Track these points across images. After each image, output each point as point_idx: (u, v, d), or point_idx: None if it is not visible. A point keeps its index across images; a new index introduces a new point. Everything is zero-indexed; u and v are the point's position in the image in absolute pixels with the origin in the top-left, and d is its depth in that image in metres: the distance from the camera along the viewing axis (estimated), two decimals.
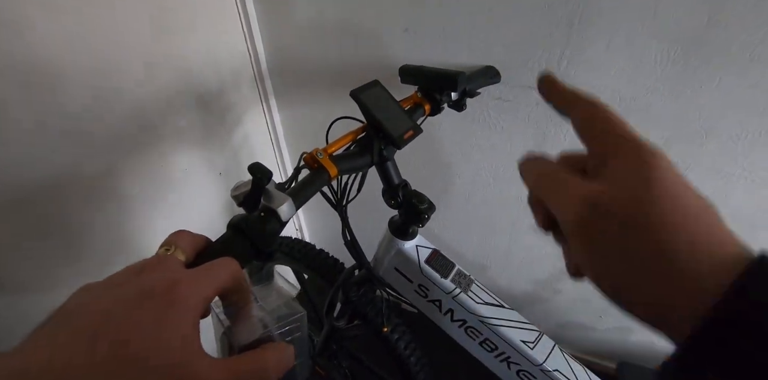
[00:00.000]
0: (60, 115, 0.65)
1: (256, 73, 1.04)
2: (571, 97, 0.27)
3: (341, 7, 0.87)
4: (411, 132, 0.54)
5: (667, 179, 0.21)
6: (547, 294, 1.21)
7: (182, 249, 0.32)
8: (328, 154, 0.47)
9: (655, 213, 0.20)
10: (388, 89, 0.58)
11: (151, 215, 0.89)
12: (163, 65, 0.81)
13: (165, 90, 0.83)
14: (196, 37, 0.86)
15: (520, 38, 0.76)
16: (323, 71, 0.99)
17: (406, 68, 0.65)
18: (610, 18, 0.69)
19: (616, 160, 0.23)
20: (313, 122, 1.12)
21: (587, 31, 0.72)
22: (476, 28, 0.78)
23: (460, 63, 0.83)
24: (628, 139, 0.23)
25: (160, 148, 0.86)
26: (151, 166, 0.86)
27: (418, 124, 0.55)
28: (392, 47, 0.87)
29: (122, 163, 0.80)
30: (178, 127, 0.89)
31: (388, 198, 0.59)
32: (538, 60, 0.78)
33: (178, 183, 0.93)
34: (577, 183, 0.24)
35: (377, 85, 0.55)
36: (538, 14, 0.73)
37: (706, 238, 0.20)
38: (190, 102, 0.90)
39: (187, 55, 0.86)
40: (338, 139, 0.51)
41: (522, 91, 0.83)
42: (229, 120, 1.03)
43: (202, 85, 0.91)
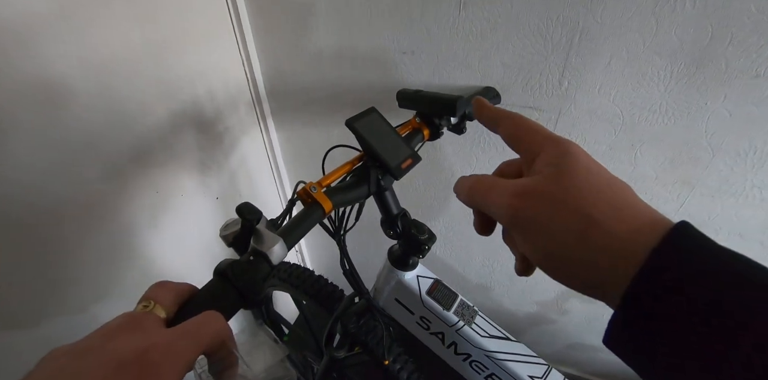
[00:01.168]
0: (50, 143, 0.62)
1: (253, 96, 1.01)
2: (496, 113, 0.30)
3: (338, 31, 0.84)
4: (409, 160, 0.50)
5: (581, 160, 0.23)
6: (553, 315, 1.15)
7: (162, 304, 0.28)
8: (322, 188, 0.44)
9: (574, 186, 0.22)
10: (387, 112, 0.54)
11: (148, 241, 0.85)
12: (158, 89, 0.78)
13: (159, 114, 0.80)
14: (192, 61, 0.83)
15: (520, 58, 0.73)
16: (321, 94, 0.96)
17: (404, 93, 0.62)
18: (610, 34, 0.66)
19: (540, 156, 0.25)
20: (312, 144, 1.09)
21: (587, 49, 0.69)
22: (474, 49, 0.75)
23: (459, 84, 0.80)
24: (547, 136, 0.26)
25: (154, 173, 0.83)
26: (146, 191, 0.82)
27: (416, 152, 0.52)
28: (390, 70, 0.84)
29: (116, 190, 0.76)
30: (174, 151, 0.85)
31: (386, 228, 0.55)
32: (538, 80, 0.75)
33: (174, 208, 0.89)
34: (505, 182, 0.25)
35: (373, 112, 0.52)
36: (537, 32, 0.70)
37: (626, 205, 0.21)
38: (186, 126, 0.87)
39: (183, 78, 0.83)
40: (334, 171, 0.47)
41: (523, 112, 0.79)
42: (227, 143, 0.99)
43: (198, 108, 0.89)
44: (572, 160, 0.23)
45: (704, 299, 0.17)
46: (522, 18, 0.69)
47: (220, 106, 0.94)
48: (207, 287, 0.32)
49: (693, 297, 0.17)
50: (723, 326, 0.16)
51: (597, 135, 0.77)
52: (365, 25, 0.81)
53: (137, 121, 0.76)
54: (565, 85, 0.73)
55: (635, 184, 0.85)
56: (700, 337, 0.17)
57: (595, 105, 0.74)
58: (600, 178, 0.23)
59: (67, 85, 0.62)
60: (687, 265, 0.18)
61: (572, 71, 0.72)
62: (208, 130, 0.93)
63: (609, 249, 0.20)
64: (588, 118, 0.76)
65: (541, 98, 0.76)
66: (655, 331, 0.18)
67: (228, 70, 0.93)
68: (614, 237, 0.20)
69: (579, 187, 0.22)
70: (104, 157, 0.71)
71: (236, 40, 0.92)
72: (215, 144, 0.96)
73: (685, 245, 0.19)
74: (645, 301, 0.18)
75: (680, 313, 0.17)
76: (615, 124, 0.75)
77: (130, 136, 0.75)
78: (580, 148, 0.24)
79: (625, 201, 0.22)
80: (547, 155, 0.24)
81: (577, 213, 0.21)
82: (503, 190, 0.25)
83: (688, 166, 0.76)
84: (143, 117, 0.76)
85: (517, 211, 0.24)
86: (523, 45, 0.72)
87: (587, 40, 0.68)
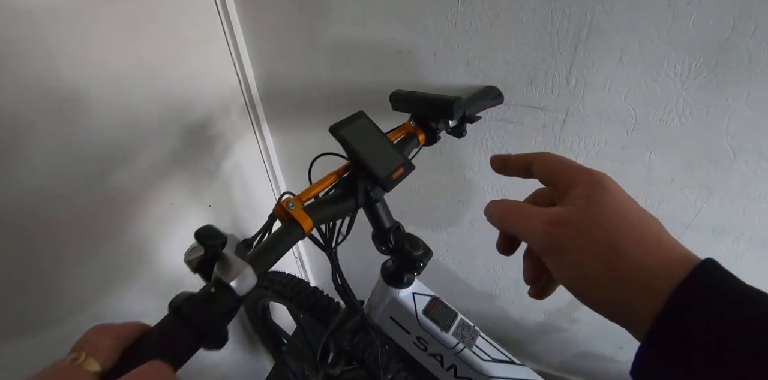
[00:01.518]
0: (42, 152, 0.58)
1: (246, 100, 0.97)
2: (522, 158, 0.30)
3: (331, 29, 0.79)
4: (401, 170, 0.45)
5: (612, 192, 0.24)
6: (563, 324, 1.09)
7: (97, 355, 0.23)
8: (302, 203, 0.39)
9: (605, 218, 0.22)
10: (383, 114, 0.49)
11: (136, 252, 0.81)
12: (146, 95, 0.74)
13: (148, 120, 0.76)
14: (180, 65, 0.79)
15: (523, 54, 0.68)
16: (315, 95, 0.91)
17: (397, 94, 0.56)
18: (621, 26, 0.60)
19: (573, 188, 0.25)
20: (308, 149, 1.04)
21: (596, 44, 0.63)
22: (474, 46, 0.70)
23: (459, 84, 0.75)
24: (579, 169, 0.26)
25: (143, 182, 0.78)
26: (135, 200, 0.78)
27: (409, 160, 0.46)
28: (386, 69, 0.79)
29: (103, 199, 0.72)
30: (162, 158, 0.81)
31: (378, 243, 0.50)
32: (544, 78, 0.69)
33: (164, 218, 0.85)
34: (539, 210, 0.26)
35: (362, 117, 0.46)
36: (542, 27, 0.64)
37: (654, 239, 0.21)
38: (176, 132, 0.82)
39: (173, 84, 0.78)
40: (318, 182, 0.42)
41: (528, 112, 0.74)
42: (219, 149, 0.95)
43: (188, 114, 0.84)
44: (603, 192, 0.24)
45: (734, 341, 0.16)
46: (525, 12, 0.64)
47: (212, 110, 0.89)
48: (159, 326, 0.27)
49: (721, 337, 0.17)
50: (754, 368, 0.16)
51: (608, 136, 0.71)
52: (359, 22, 0.76)
53: (121, 128, 0.71)
54: (573, 83, 0.68)
55: (650, 188, 0.79)
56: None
57: (606, 104, 0.68)
58: (630, 211, 0.23)
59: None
60: (714, 303, 0.17)
61: (580, 68, 0.66)
62: (199, 136, 0.88)
63: (635, 282, 0.20)
64: (598, 118, 0.70)
65: (547, 97, 0.71)
66: (682, 368, 0.17)
67: (219, 73, 0.89)
68: (641, 270, 0.20)
69: (609, 219, 0.22)
70: (87, 165, 0.67)
71: (227, 41, 0.87)
72: (207, 150, 0.92)
73: (711, 282, 0.19)
74: (668, 341, 0.18)
75: (706, 353, 0.17)
76: (627, 124, 0.69)
77: (113, 144, 0.71)
78: (611, 180, 0.25)
79: (654, 235, 0.22)
80: (580, 187, 0.25)
81: (605, 244, 0.21)
82: (537, 218, 0.25)
83: (707, 168, 0.70)
84: (129, 124, 0.72)
85: (551, 239, 0.24)
86: (526, 41, 0.66)
87: (596, 34, 0.62)
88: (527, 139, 0.77)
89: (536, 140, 0.76)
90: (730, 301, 0.17)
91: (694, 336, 0.17)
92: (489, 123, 0.78)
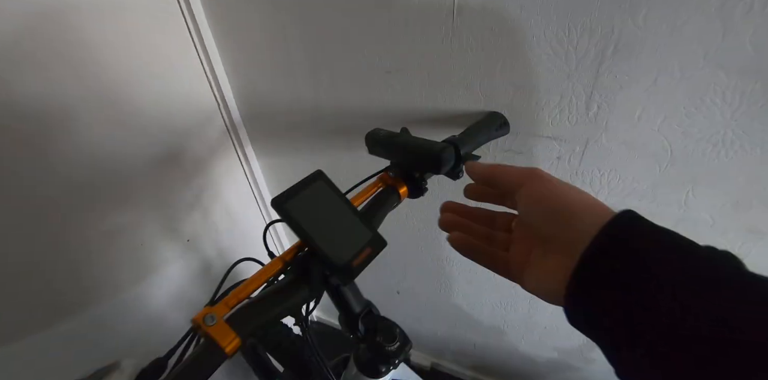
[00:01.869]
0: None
1: (227, 122, 0.87)
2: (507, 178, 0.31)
3: (310, 45, 0.68)
4: (368, 250, 0.34)
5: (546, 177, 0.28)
6: (577, 363, 0.98)
7: None
8: (229, 309, 0.28)
9: (556, 194, 0.26)
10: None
11: (99, 315, 0.72)
12: (110, 121, 0.65)
13: (113, 149, 0.67)
14: (149, 89, 0.69)
15: (534, 76, 0.56)
16: (299, 117, 0.81)
17: (374, 137, 0.45)
18: (657, 44, 0.48)
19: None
20: (297, 174, 0.94)
21: (625, 63, 0.51)
22: (474, 65, 0.58)
23: (457, 109, 0.63)
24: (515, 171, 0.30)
25: (109, 221, 0.69)
26: (98, 240, 0.69)
27: (378, 236, 0.36)
28: (374, 91, 0.68)
29: (62, 237, 0.64)
30: (132, 193, 0.72)
31: (345, 328, 0.40)
32: (558, 103, 0.57)
33: (135, 258, 0.76)
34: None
35: (317, 179, 0.36)
36: (557, 43, 0.52)
37: (591, 202, 0.25)
38: (145, 159, 0.73)
39: (139, 107, 0.69)
40: (258, 274, 0.32)
41: (539, 142, 0.62)
42: (197, 175, 0.85)
43: (160, 139, 0.75)
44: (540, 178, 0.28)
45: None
46: (535, 25, 0.52)
47: (187, 133, 0.80)
48: None
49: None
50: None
51: (635, 171, 0.59)
52: (339, 37, 0.64)
53: (83, 155, 0.63)
54: (594, 110, 0.56)
55: (684, 231, 0.64)
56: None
57: (634, 134, 0.56)
58: (568, 187, 0.27)
59: None
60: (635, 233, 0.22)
61: (603, 92, 0.54)
62: (172, 164, 0.79)
63: (578, 232, 0.23)
64: (624, 151, 0.58)
65: (563, 126, 0.59)
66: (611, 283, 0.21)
67: (193, 93, 0.79)
68: (582, 225, 0.23)
69: (558, 193, 0.26)
70: (46, 200, 0.59)
71: (200, 61, 0.77)
72: (182, 178, 0.82)
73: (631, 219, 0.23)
74: (602, 256, 0.22)
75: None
76: (660, 159, 0.57)
77: (71, 180, 0.62)
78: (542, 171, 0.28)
79: (589, 200, 0.26)
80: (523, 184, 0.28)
81: (557, 209, 0.25)
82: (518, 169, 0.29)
83: (757, 209, 0.57)
84: (88, 154, 0.63)
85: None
86: (537, 60, 0.54)
87: (624, 51, 0.50)
88: None
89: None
90: (644, 233, 0.22)
91: (612, 269, 0.21)
92: (493, 153, 0.66)
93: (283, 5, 0.65)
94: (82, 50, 0.59)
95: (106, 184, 0.67)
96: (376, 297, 0.51)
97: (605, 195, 0.63)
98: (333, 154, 0.83)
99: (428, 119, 0.66)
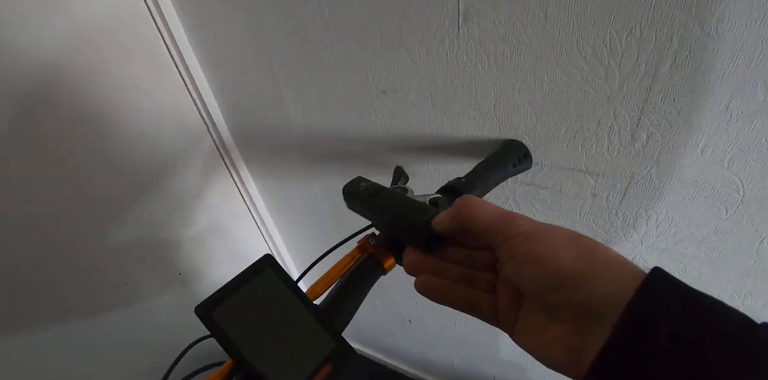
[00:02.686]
0: None
1: (217, 144, 0.77)
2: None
3: (293, 62, 0.57)
4: (326, 370, 0.24)
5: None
6: None
7: None
8: None
9: (552, 254, 0.20)
10: (369, 167, 0.30)
11: (90, 336, 0.65)
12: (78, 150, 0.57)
13: (88, 179, 0.59)
14: (131, 114, 0.61)
15: (561, 96, 0.43)
16: (287, 142, 0.70)
17: (352, 191, 0.34)
18: (734, 57, 0.35)
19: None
20: (294, 197, 0.84)
21: (686, 82, 0.37)
22: (486, 84, 0.46)
23: (467, 136, 0.51)
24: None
25: (84, 264, 0.62)
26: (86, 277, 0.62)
27: (343, 344, 0.25)
28: (368, 114, 0.56)
29: (44, 273, 0.57)
30: (114, 229, 0.64)
31: None
32: (595, 131, 0.44)
33: (121, 295, 0.69)
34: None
35: (265, 269, 0.26)
36: (593, 56, 0.39)
37: (602, 256, 0.20)
38: (129, 192, 0.65)
39: (117, 131, 0.61)
40: None
41: (569, 176, 0.49)
42: (186, 202, 0.77)
43: (141, 171, 0.66)
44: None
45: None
46: (566, 34, 0.39)
47: (173, 161, 0.71)
48: None
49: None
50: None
51: (694, 214, 0.46)
52: (326, 53, 0.53)
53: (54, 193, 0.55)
54: (642, 140, 0.42)
55: (753, 284, 0.48)
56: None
57: (696, 171, 0.42)
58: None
59: None
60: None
61: (656, 118, 0.41)
62: (158, 191, 0.70)
63: (611, 271, 0.19)
64: (681, 189, 0.44)
65: (600, 158, 0.46)
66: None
67: (176, 116, 0.70)
68: (615, 262, 0.19)
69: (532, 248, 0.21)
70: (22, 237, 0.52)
71: (178, 72, 0.68)
72: (170, 207, 0.74)
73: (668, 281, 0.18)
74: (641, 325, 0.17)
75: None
76: (728, 200, 0.43)
77: (44, 214, 0.54)
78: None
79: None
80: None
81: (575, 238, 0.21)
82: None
83: None
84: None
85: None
86: (568, 77, 0.42)
87: (687, 67, 0.37)
88: (568, 210, 0.52)
89: (581, 212, 0.52)
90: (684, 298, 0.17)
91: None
92: (512, 187, 0.54)
93: (263, 18, 0.55)
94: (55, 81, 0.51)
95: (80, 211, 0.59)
96: (387, 325, 0.41)
97: (651, 240, 0.50)
98: (327, 181, 0.73)
99: (433, 147, 0.55)
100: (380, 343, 1.12)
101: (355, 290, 0.30)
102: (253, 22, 0.56)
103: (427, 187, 0.60)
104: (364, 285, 0.31)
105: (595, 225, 0.52)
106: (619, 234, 0.51)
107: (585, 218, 0.52)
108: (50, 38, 0.51)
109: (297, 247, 1.01)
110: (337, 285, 0.31)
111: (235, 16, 0.56)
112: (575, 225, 0.53)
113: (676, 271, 0.51)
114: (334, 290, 0.30)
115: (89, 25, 0.54)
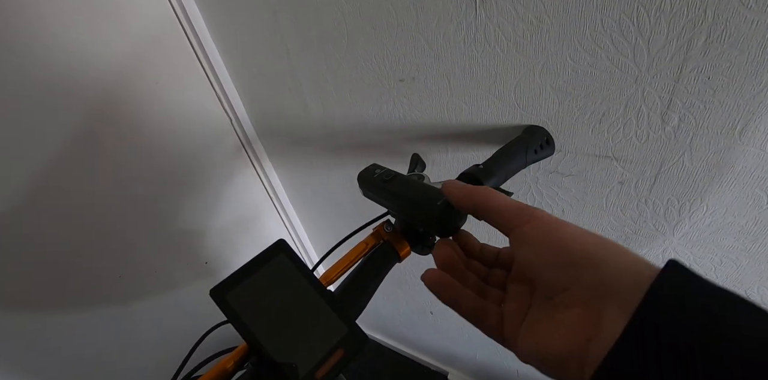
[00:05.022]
0: None
1: (241, 138, 0.79)
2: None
3: (311, 55, 0.57)
4: (338, 355, 0.24)
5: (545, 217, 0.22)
6: None
7: None
8: None
9: (563, 233, 0.21)
10: (391, 156, 0.30)
11: (123, 322, 0.68)
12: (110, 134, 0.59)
13: (123, 173, 0.62)
14: (153, 106, 0.63)
15: (586, 78, 0.41)
16: (309, 134, 0.71)
17: (366, 178, 0.33)
18: None
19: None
20: (314, 186, 0.85)
21: (721, 60, 0.35)
22: (506, 68, 0.44)
23: (486, 123, 0.50)
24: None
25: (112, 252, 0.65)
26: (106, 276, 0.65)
27: (355, 330, 0.25)
28: (386, 103, 0.56)
29: (78, 266, 0.60)
30: (145, 220, 0.67)
31: None
32: (622, 114, 0.42)
33: (151, 283, 0.71)
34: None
35: (279, 253, 0.26)
36: (619, 34, 0.37)
37: (610, 244, 0.20)
38: (160, 186, 0.68)
39: (144, 126, 0.63)
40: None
41: (595, 163, 0.47)
42: (212, 194, 0.79)
43: (168, 161, 0.68)
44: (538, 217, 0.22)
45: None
46: (589, 11, 0.37)
47: (200, 150, 0.73)
48: None
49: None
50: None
51: (732, 202, 0.43)
52: (343, 44, 0.53)
53: (85, 189, 0.58)
54: (674, 123, 0.40)
55: None
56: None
57: (733, 156, 0.39)
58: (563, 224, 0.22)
59: None
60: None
61: (688, 99, 0.38)
62: (185, 184, 0.72)
63: (626, 256, 0.19)
64: (717, 176, 0.41)
65: (628, 143, 0.43)
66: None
67: (201, 111, 0.71)
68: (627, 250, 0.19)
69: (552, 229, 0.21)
70: (52, 232, 0.55)
71: (205, 74, 0.69)
72: (196, 199, 0.76)
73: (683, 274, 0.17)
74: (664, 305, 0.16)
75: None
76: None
77: (76, 207, 0.57)
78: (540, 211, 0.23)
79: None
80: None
81: (558, 252, 0.20)
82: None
83: None
84: (93, 180, 0.58)
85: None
86: (592, 57, 0.40)
87: (722, 43, 0.34)
88: (593, 198, 0.50)
89: (608, 201, 0.49)
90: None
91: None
92: (534, 175, 0.52)
93: (280, 9, 0.55)
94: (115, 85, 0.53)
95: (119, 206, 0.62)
96: (409, 317, 0.41)
97: (684, 230, 0.47)
98: (347, 171, 0.73)
99: (452, 135, 0.54)
100: (402, 335, 1.11)
101: (369, 276, 0.30)
102: (271, 15, 0.56)
103: (445, 174, 0.58)
104: (378, 272, 0.31)
105: (623, 215, 0.49)
106: (649, 224, 0.48)
107: (612, 207, 0.49)
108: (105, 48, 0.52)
109: (319, 237, 1.02)
110: (352, 272, 0.30)
111: (255, 10, 0.57)
112: (602, 214, 0.51)
113: (710, 263, 0.48)
114: (349, 277, 0.30)
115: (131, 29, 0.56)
